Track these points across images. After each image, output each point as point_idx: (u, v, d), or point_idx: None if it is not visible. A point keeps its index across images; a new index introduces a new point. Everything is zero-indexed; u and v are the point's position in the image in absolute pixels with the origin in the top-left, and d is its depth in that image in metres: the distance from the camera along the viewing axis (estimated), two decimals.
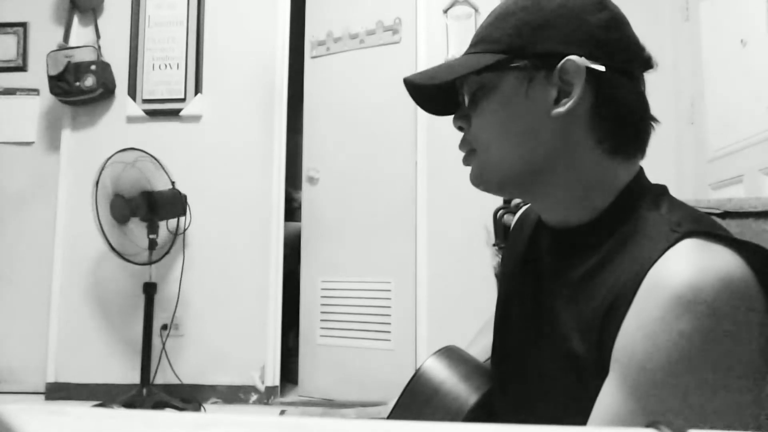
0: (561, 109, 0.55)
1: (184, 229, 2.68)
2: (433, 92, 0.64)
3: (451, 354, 0.74)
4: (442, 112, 0.67)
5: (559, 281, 0.59)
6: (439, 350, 0.74)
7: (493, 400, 0.67)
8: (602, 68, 0.54)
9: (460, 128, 0.64)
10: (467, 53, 0.61)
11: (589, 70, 0.54)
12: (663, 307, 0.45)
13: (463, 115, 0.63)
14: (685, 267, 0.45)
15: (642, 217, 0.54)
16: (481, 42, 0.60)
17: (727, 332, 0.44)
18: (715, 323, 0.44)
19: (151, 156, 2.57)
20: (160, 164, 2.58)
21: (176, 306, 2.73)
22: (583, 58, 0.54)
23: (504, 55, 0.57)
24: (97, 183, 2.47)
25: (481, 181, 0.62)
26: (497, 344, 0.70)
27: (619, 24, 0.58)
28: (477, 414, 0.65)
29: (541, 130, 0.57)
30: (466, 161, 0.64)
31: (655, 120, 0.59)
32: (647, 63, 0.59)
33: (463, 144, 0.64)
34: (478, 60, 0.58)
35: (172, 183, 2.56)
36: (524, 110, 0.57)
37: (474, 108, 0.61)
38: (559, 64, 0.55)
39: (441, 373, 0.70)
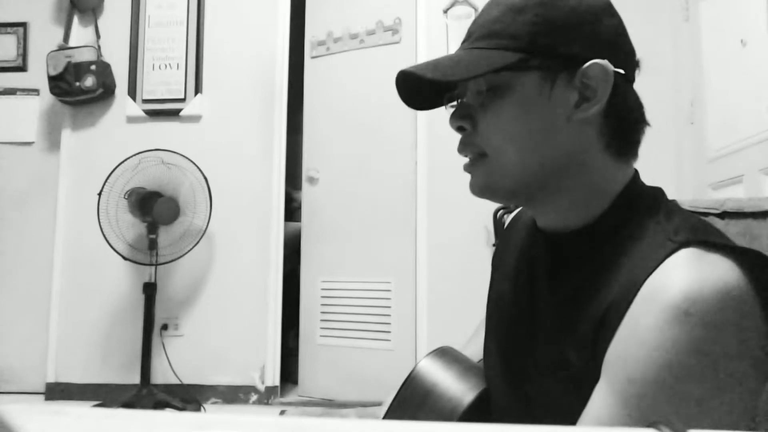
0: (583, 114, 0.54)
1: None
2: (423, 86, 0.59)
3: (445, 355, 0.73)
4: (425, 107, 0.63)
5: (554, 286, 0.58)
6: (433, 351, 0.74)
7: (487, 400, 0.67)
8: (622, 72, 0.54)
9: (460, 129, 0.59)
10: (474, 47, 0.56)
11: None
12: (658, 317, 0.45)
13: (465, 115, 0.58)
14: (681, 278, 0.45)
15: (639, 225, 0.53)
16: (492, 36, 0.55)
17: (720, 344, 0.43)
18: (708, 334, 0.43)
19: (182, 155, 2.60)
20: (195, 164, 2.60)
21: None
22: (608, 62, 0.53)
23: (525, 53, 0.53)
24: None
25: (488, 188, 0.58)
26: (489, 346, 0.69)
27: (625, 30, 0.58)
28: (472, 414, 0.65)
29: (559, 134, 0.55)
30: (471, 167, 0.59)
31: (647, 123, 0.59)
32: (638, 65, 0.60)
33: (466, 147, 0.59)
34: (500, 57, 0.54)
35: (206, 179, 2.59)
36: (546, 113, 0.54)
37: (484, 108, 0.56)
38: (583, 67, 0.53)
39: (435, 374, 0.70)
